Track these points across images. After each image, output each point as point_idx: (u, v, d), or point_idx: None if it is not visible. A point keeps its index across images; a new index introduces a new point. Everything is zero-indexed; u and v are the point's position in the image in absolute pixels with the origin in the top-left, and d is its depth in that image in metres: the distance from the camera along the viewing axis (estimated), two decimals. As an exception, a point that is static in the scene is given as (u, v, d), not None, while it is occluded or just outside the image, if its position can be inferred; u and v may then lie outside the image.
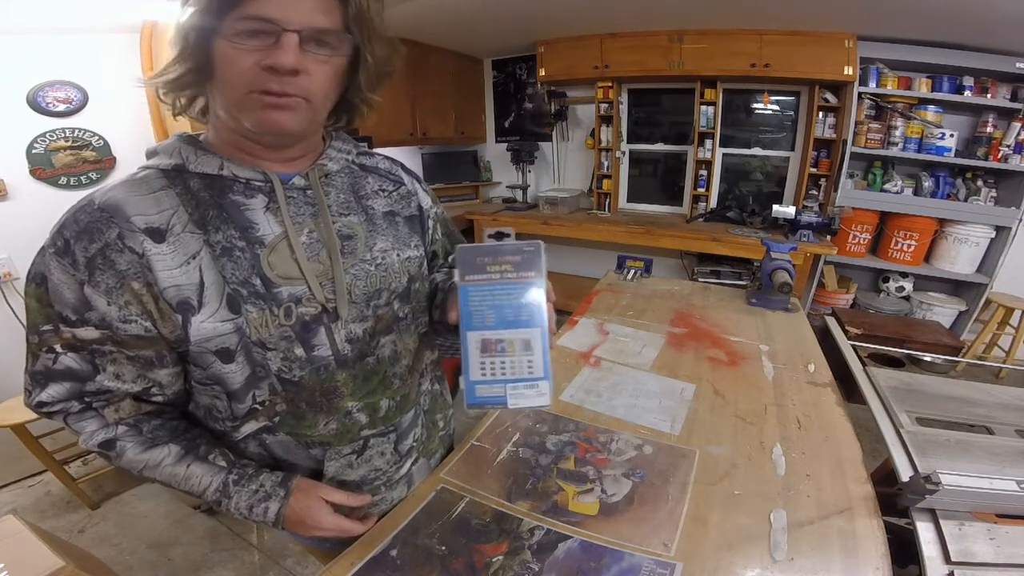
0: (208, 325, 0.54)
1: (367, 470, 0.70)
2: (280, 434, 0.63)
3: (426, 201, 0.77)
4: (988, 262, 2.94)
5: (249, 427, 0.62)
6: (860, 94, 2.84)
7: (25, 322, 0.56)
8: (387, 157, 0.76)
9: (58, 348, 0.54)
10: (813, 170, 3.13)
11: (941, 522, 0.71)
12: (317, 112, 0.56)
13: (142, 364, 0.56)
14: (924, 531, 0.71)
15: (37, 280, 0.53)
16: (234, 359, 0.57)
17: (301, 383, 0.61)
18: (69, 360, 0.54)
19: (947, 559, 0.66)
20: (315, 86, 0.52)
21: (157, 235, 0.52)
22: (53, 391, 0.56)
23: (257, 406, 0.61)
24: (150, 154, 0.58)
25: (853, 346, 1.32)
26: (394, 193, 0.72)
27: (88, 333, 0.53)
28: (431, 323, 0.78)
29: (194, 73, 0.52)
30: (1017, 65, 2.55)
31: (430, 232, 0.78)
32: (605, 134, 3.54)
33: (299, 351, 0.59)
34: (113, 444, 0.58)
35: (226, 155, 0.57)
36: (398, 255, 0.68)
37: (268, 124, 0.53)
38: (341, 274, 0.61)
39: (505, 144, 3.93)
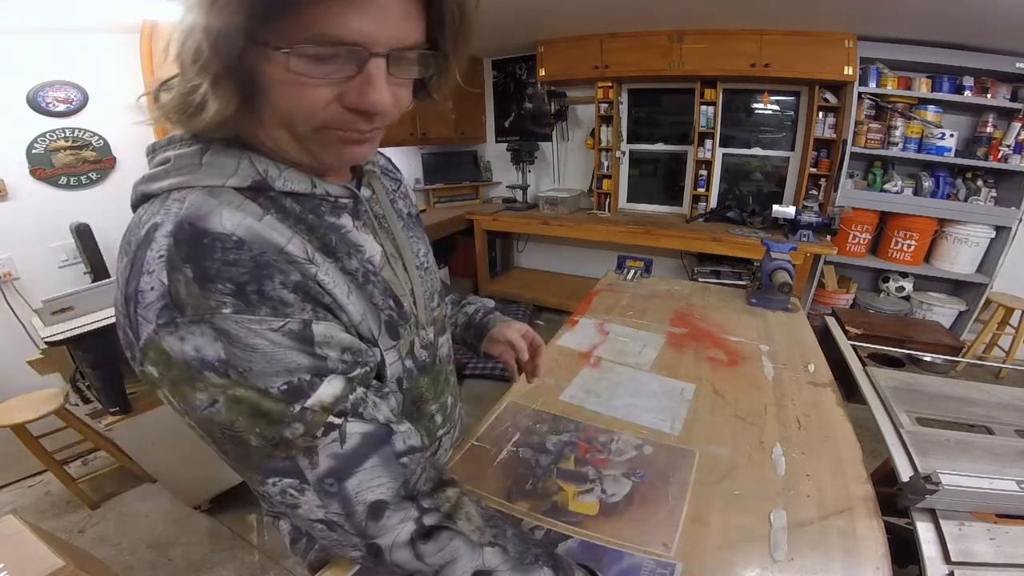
0: (389, 353, 0.52)
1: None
2: None
3: (413, 197, 0.74)
4: (988, 262, 2.94)
5: None
6: (860, 94, 2.84)
7: (240, 436, 0.38)
8: (385, 156, 0.73)
9: (321, 433, 0.39)
10: (813, 170, 3.13)
11: (941, 522, 0.71)
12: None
13: (384, 395, 0.48)
14: (924, 531, 0.71)
15: (220, 369, 0.36)
16: (402, 384, 0.57)
17: (406, 396, 0.60)
18: (354, 427, 0.40)
19: (947, 559, 0.66)
20: (398, 111, 0.43)
21: (311, 265, 0.43)
22: (375, 479, 0.41)
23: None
24: (187, 168, 0.42)
25: (853, 346, 1.31)
26: (399, 191, 0.68)
27: (336, 386, 0.40)
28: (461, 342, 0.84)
29: (229, 98, 0.37)
30: (1017, 65, 2.55)
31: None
32: (605, 134, 3.54)
33: (408, 363, 0.58)
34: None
35: (299, 168, 0.46)
36: (432, 257, 0.68)
37: (345, 159, 0.46)
38: (415, 283, 0.59)
39: (505, 144, 3.94)
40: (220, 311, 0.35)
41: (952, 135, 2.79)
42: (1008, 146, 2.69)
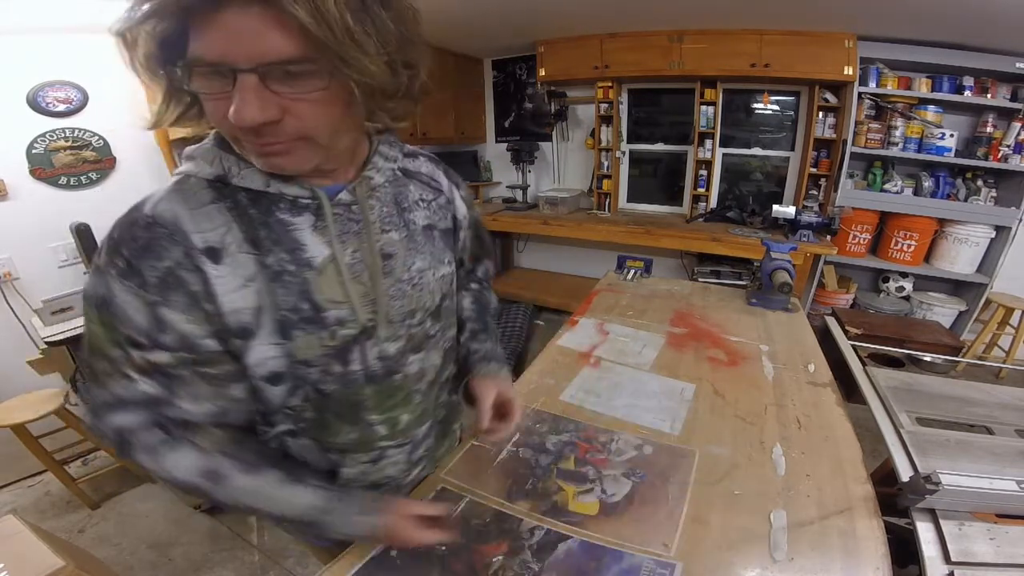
0: (261, 350, 0.53)
1: (379, 477, 0.71)
2: (303, 439, 0.63)
3: (462, 210, 0.75)
4: (988, 262, 2.94)
5: (275, 430, 0.62)
6: (860, 94, 2.84)
7: (87, 346, 0.51)
8: (430, 157, 0.72)
9: (132, 374, 0.50)
10: (813, 170, 3.13)
11: (941, 522, 0.71)
12: (330, 147, 0.49)
13: (219, 381, 0.54)
14: (924, 531, 0.71)
15: (99, 304, 0.48)
16: (280, 382, 0.57)
17: (331, 395, 0.60)
18: (146, 386, 0.50)
19: (947, 559, 0.66)
20: (307, 125, 0.45)
21: (214, 255, 0.49)
22: (131, 419, 0.51)
23: (287, 411, 0.61)
24: (187, 157, 0.53)
25: (853, 346, 1.32)
26: (433, 203, 0.69)
27: (161, 357, 0.50)
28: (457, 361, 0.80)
29: (191, 107, 0.47)
30: (1017, 65, 2.55)
31: (460, 243, 0.77)
32: (605, 134, 3.54)
33: (336, 367, 0.59)
34: (217, 474, 0.54)
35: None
36: (433, 274, 0.66)
37: (273, 168, 0.49)
38: (382, 295, 0.59)
39: (505, 144, 3.93)
40: (110, 271, 0.47)
41: (952, 135, 2.79)
42: (1008, 146, 2.69)
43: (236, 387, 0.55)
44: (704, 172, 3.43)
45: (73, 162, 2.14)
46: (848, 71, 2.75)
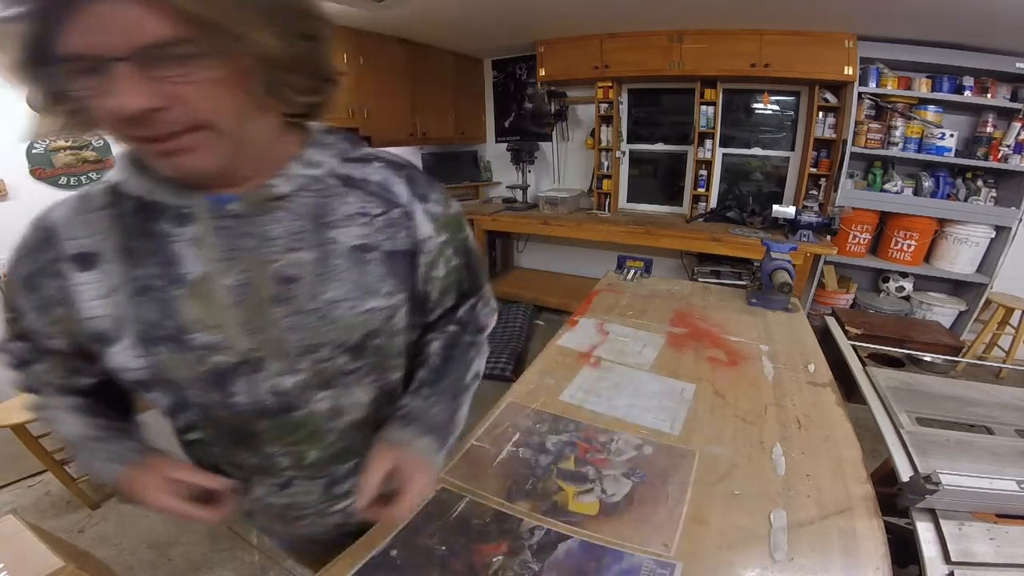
0: (121, 358, 0.50)
1: (292, 502, 0.65)
2: (214, 448, 0.62)
3: (424, 229, 0.59)
4: (988, 262, 2.94)
5: (187, 436, 0.62)
6: (860, 94, 2.84)
7: None
8: (391, 163, 0.60)
9: (11, 333, 0.57)
10: (813, 170, 3.13)
11: (941, 522, 0.71)
12: (237, 136, 0.44)
13: (72, 371, 0.59)
14: (924, 531, 0.71)
15: (5, 279, 0.56)
16: (152, 389, 0.54)
17: (221, 421, 0.56)
18: (15, 346, 0.58)
19: (947, 559, 0.66)
20: (201, 111, 0.40)
21: (85, 262, 0.49)
22: (5, 358, 0.60)
23: (190, 423, 0.59)
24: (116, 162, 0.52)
25: (853, 346, 1.32)
26: (379, 219, 0.56)
27: (26, 336, 0.56)
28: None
29: (74, 117, 0.42)
30: (1017, 65, 2.55)
31: (421, 270, 0.61)
32: (605, 134, 3.54)
33: (215, 396, 0.53)
34: (36, 389, 0.61)
35: (159, 176, 0.47)
36: (353, 306, 0.54)
37: (176, 172, 0.44)
38: (273, 325, 0.51)
39: (505, 144, 3.93)
40: (11, 257, 0.52)
41: (952, 135, 2.79)
42: (1008, 146, 2.69)
43: (86, 379, 0.60)
44: (704, 172, 3.43)
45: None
46: (848, 71, 2.75)
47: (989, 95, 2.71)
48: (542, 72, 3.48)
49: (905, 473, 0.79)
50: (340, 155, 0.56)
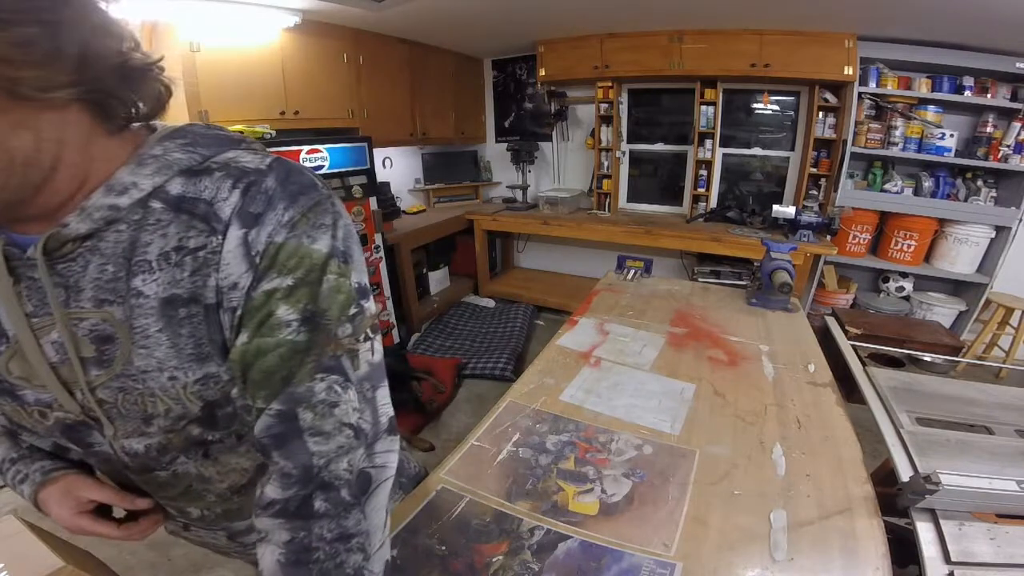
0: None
1: (203, 542, 0.65)
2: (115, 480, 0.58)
3: (234, 269, 0.41)
4: (988, 262, 2.94)
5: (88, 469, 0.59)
6: (860, 94, 2.84)
7: None
8: (235, 169, 0.42)
9: None
10: (813, 170, 3.13)
11: (941, 522, 0.71)
12: (10, 168, 0.34)
13: None
14: (924, 531, 0.71)
15: None
16: (21, 434, 0.52)
17: (101, 465, 0.54)
18: None
19: (947, 559, 0.66)
20: None
21: None
22: None
23: (80, 462, 0.57)
24: None
25: (853, 346, 1.31)
26: (197, 255, 0.41)
27: None
28: None
29: None
30: (1017, 65, 2.55)
31: (227, 332, 0.43)
32: (605, 134, 3.55)
33: (75, 447, 0.49)
34: None
35: None
36: (173, 379, 0.42)
37: None
38: (96, 389, 0.42)
39: (505, 144, 3.94)
40: None
41: (952, 135, 2.79)
42: (1008, 146, 2.69)
43: None
44: (704, 172, 3.43)
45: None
46: (848, 71, 2.75)
47: (989, 95, 2.71)
48: (542, 72, 3.48)
49: (905, 473, 0.79)
50: (173, 169, 0.42)
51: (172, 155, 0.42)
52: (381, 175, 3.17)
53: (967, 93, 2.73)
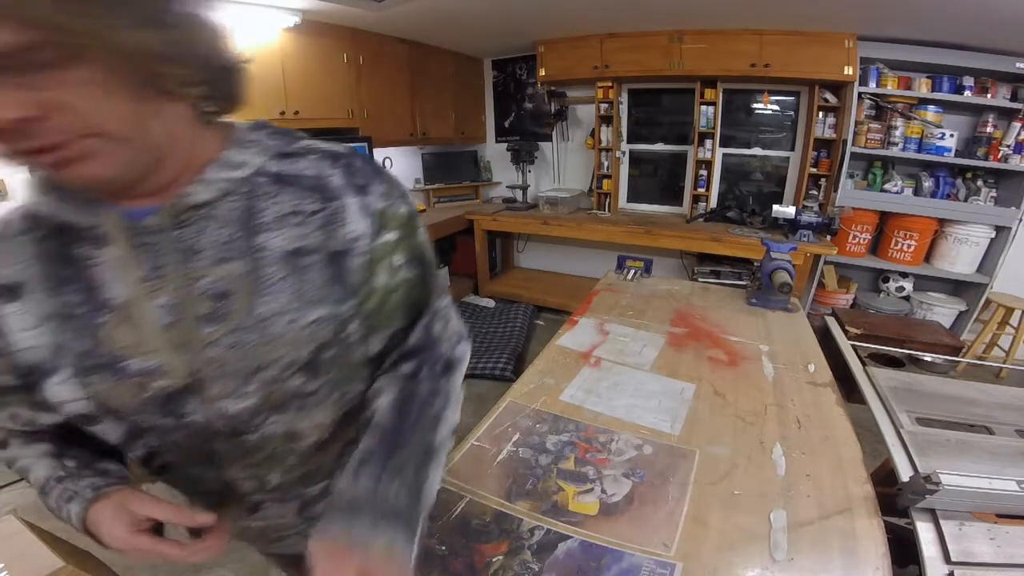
0: (60, 390, 0.47)
1: (265, 525, 0.63)
2: (180, 474, 0.58)
3: (356, 226, 0.51)
4: (988, 262, 2.94)
5: (154, 463, 0.57)
6: (860, 94, 2.84)
7: None
8: (328, 153, 0.53)
9: None
10: (813, 170, 3.13)
11: (941, 522, 0.71)
12: (135, 139, 0.40)
13: (34, 407, 0.52)
14: (924, 531, 0.71)
15: None
16: (98, 422, 0.49)
17: (179, 443, 0.52)
18: None
19: (947, 559, 0.66)
20: (91, 116, 0.37)
21: (11, 293, 0.46)
22: None
23: (150, 452, 0.55)
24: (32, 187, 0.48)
25: (853, 346, 1.32)
26: (314, 217, 0.50)
27: None
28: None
29: None
30: (1017, 65, 2.55)
31: (355, 277, 0.52)
32: (605, 134, 3.55)
33: (165, 420, 0.50)
34: (4, 442, 0.55)
35: (72, 192, 0.44)
36: (294, 320, 0.48)
37: (70, 182, 0.40)
38: (205, 347, 0.47)
39: (505, 144, 3.94)
40: None
41: (952, 135, 2.79)
42: (1008, 146, 2.69)
43: (48, 415, 0.52)
44: (704, 172, 3.43)
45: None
46: (848, 71, 2.75)
47: (989, 95, 2.71)
48: (542, 72, 3.48)
49: (905, 473, 0.79)
50: (269, 152, 0.51)
51: (267, 141, 0.51)
52: (381, 175, 3.16)
53: (967, 93, 2.73)
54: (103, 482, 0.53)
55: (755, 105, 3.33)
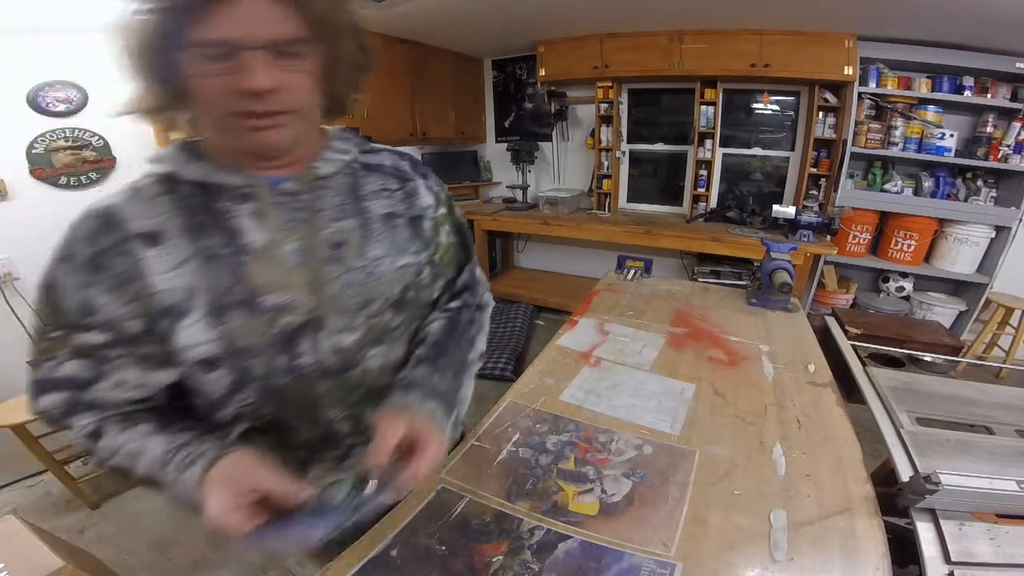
0: (192, 331, 0.53)
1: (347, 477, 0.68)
2: (265, 436, 0.62)
3: (426, 199, 0.71)
4: (988, 262, 2.94)
5: (235, 429, 0.61)
6: (860, 94, 2.84)
7: (33, 330, 0.56)
8: (395, 152, 0.73)
9: (64, 355, 0.54)
10: (813, 170, 3.13)
11: (941, 522, 0.71)
12: (307, 121, 0.55)
13: (149, 364, 0.55)
14: (924, 531, 0.71)
15: (47, 288, 0.53)
16: (217, 367, 0.55)
17: (283, 391, 0.59)
18: (71, 367, 0.54)
19: (947, 559, 0.66)
20: (297, 97, 0.51)
21: (151, 240, 0.53)
22: (52, 399, 0.55)
23: (242, 411, 0.59)
24: (151, 160, 0.57)
25: (853, 346, 1.31)
26: (397, 192, 0.68)
27: (94, 338, 0.53)
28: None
29: (171, 97, 0.51)
30: (1017, 65, 2.55)
31: (427, 235, 0.70)
32: (605, 134, 3.55)
33: (282, 360, 0.58)
34: (99, 432, 0.56)
35: (220, 161, 0.55)
36: (392, 262, 0.64)
37: (258, 145, 0.53)
38: (329, 282, 0.58)
39: (505, 144, 3.94)
40: (56, 258, 0.53)
41: (952, 135, 2.79)
42: (1008, 146, 2.69)
43: (164, 373, 0.56)
44: (704, 172, 3.43)
45: (73, 162, 2.14)
46: (848, 71, 2.75)
47: (989, 95, 2.71)
48: (542, 72, 3.48)
49: (905, 473, 0.79)
50: (359, 147, 0.68)
51: (355, 139, 0.68)
52: (381, 175, 3.17)
53: (967, 93, 2.73)
54: (224, 444, 0.55)
55: (755, 105, 3.33)
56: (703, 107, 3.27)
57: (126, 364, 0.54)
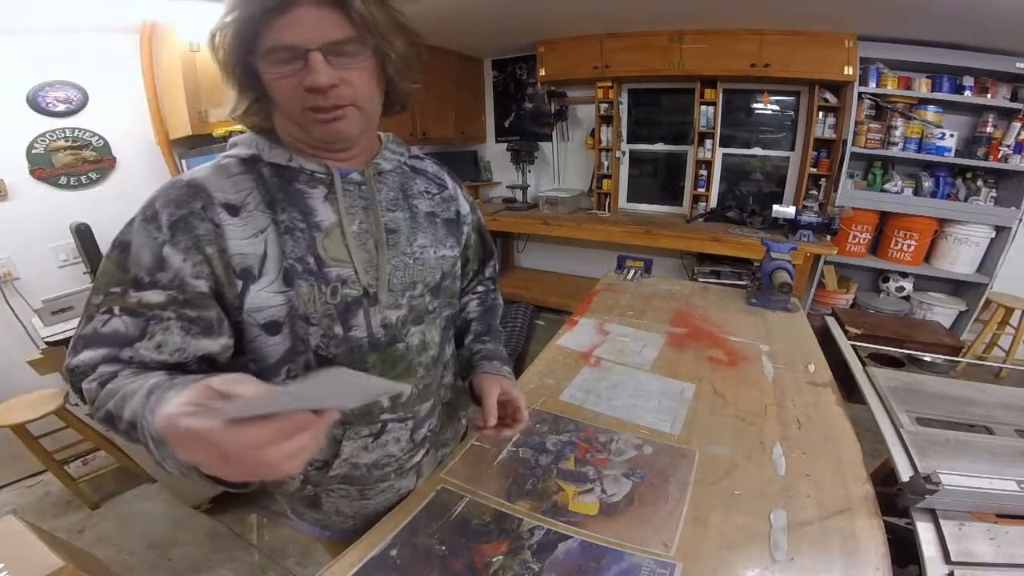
0: (264, 294, 0.59)
1: (381, 455, 0.73)
2: None
3: (464, 207, 0.82)
4: (988, 262, 2.94)
5: None
6: (860, 94, 2.84)
7: (93, 286, 0.58)
8: (436, 161, 0.82)
9: (116, 311, 0.55)
10: (813, 170, 3.13)
11: (941, 522, 0.71)
12: (369, 114, 0.62)
13: (197, 330, 0.56)
14: (924, 531, 0.71)
15: (120, 247, 0.56)
16: (279, 331, 0.61)
17: (335, 361, 0.64)
18: (120, 323, 0.55)
19: (947, 559, 0.66)
20: (357, 91, 0.58)
21: (232, 210, 0.58)
22: (88, 355, 0.54)
23: (289, 380, 0.63)
24: (231, 145, 0.65)
25: (853, 346, 1.31)
26: (437, 196, 0.77)
27: (154, 296, 0.55)
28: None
29: (259, 102, 0.60)
30: (1017, 65, 2.55)
31: (464, 237, 0.82)
32: (605, 134, 3.54)
33: (338, 329, 0.64)
34: (110, 380, 0.52)
35: (294, 149, 0.63)
36: (434, 252, 0.73)
37: (329, 135, 0.60)
38: (384, 263, 0.66)
39: (505, 144, 3.93)
40: (139, 218, 0.57)
41: (952, 135, 2.79)
42: (1008, 146, 2.69)
43: (205, 341, 0.58)
44: (704, 172, 3.43)
45: (73, 162, 2.14)
46: (848, 71, 2.75)
47: (989, 95, 2.71)
48: (542, 72, 3.48)
49: (905, 473, 0.79)
50: (409, 152, 0.76)
51: (405, 145, 0.77)
52: (381, 175, 3.17)
53: (967, 93, 2.73)
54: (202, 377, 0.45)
55: (755, 105, 3.33)
56: (703, 107, 3.27)
57: (173, 327, 0.55)
